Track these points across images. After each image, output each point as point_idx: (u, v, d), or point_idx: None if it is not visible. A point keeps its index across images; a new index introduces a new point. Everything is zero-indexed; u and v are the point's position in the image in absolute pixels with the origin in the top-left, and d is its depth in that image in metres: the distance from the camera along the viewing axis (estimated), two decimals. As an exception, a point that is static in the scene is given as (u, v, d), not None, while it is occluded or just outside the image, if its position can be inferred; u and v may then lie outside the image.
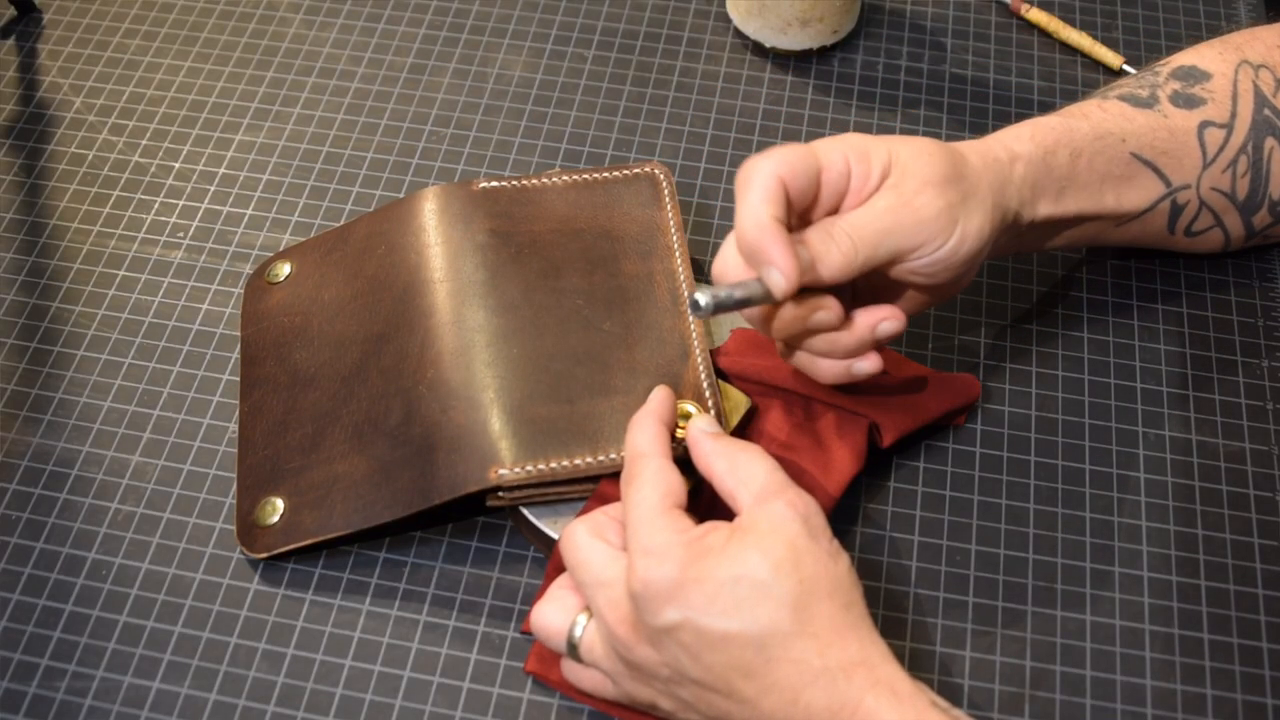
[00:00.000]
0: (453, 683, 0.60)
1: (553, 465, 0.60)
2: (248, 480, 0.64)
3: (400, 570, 0.63)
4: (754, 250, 0.56)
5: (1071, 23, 0.85)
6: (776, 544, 0.52)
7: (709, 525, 0.53)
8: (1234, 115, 0.66)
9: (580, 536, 0.56)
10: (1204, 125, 0.65)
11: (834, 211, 0.59)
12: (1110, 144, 0.64)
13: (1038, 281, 0.73)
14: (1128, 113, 0.65)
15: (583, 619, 0.56)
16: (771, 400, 0.64)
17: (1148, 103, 0.65)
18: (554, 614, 0.57)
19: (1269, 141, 0.66)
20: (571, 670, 0.58)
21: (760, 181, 0.56)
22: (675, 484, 0.55)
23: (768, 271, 0.55)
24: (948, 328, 0.71)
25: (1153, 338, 0.71)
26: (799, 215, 0.59)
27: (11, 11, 0.85)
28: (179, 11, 0.86)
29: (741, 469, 0.55)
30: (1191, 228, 0.68)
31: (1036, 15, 0.85)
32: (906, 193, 0.57)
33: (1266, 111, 0.66)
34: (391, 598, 0.62)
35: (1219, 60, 0.67)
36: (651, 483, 0.55)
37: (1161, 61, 0.68)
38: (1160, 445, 0.67)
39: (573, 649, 0.56)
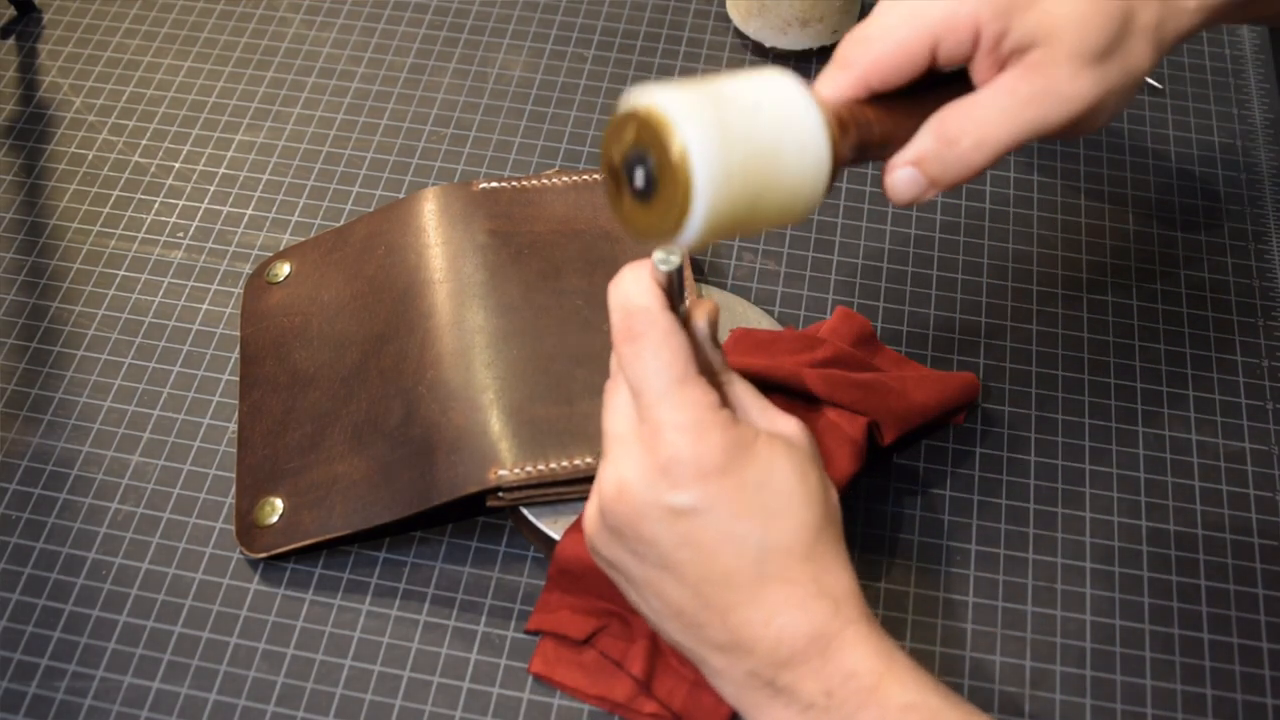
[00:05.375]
0: (453, 683, 0.60)
1: (552, 466, 0.60)
2: (247, 480, 0.64)
3: (400, 570, 0.63)
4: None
5: (1071, 22, 0.85)
6: (803, 461, 0.48)
7: (732, 415, 0.48)
8: None
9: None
10: None
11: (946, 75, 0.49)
12: None
13: (1038, 281, 0.73)
14: None
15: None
16: (771, 399, 0.64)
17: None
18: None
19: None
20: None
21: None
22: (690, 346, 0.49)
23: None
24: (948, 328, 0.71)
25: (1153, 337, 0.71)
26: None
27: (11, 11, 0.85)
28: (179, 11, 0.86)
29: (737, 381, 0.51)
30: None
31: (1036, 15, 0.85)
32: (1056, 77, 0.48)
33: None
34: (391, 598, 0.62)
35: None
36: (669, 345, 0.48)
37: None
38: (1160, 445, 0.67)
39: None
